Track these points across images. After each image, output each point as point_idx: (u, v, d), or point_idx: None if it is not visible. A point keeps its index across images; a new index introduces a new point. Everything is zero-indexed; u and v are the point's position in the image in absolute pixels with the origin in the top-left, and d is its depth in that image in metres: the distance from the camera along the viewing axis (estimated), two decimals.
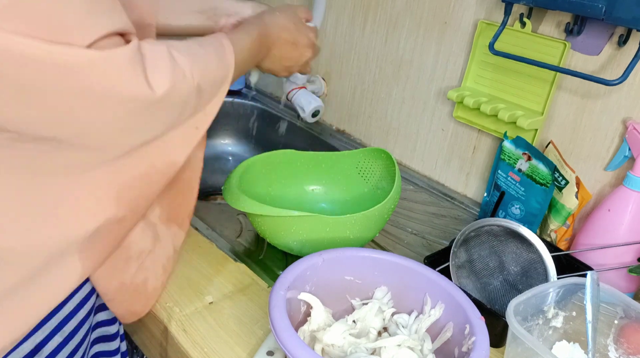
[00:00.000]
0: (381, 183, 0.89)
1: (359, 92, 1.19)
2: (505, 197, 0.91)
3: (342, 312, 0.65)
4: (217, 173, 1.31)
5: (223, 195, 0.77)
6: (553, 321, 0.66)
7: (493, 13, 0.93)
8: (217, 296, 0.70)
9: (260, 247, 0.83)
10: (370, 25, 1.12)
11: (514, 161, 0.89)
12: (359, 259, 0.65)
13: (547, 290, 0.64)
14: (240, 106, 1.36)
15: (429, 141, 1.08)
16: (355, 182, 0.92)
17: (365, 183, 0.92)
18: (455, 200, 1.04)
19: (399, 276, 0.64)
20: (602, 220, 0.78)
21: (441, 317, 0.61)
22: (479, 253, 0.72)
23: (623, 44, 0.78)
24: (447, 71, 1.02)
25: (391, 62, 1.11)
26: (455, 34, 0.99)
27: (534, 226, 0.86)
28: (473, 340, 0.54)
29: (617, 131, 0.82)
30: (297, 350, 0.49)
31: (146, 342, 0.72)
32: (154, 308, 0.67)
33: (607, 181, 0.85)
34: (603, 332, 0.65)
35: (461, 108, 0.99)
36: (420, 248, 0.88)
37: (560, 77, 0.86)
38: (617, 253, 0.76)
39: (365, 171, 0.91)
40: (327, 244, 0.74)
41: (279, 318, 0.52)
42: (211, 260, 0.76)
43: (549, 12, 0.86)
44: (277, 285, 0.57)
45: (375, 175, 0.90)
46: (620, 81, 0.74)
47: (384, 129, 1.16)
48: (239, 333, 0.64)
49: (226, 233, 0.85)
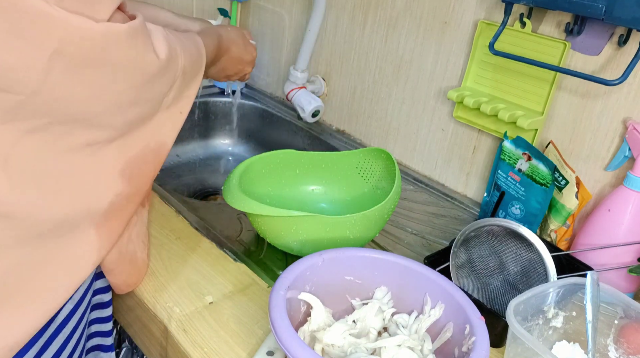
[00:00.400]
0: (381, 183, 0.89)
1: (359, 92, 1.19)
2: (505, 197, 0.91)
3: (342, 312, 0.65)
4: (217, 173, 1.32)
5: (223, 195, 0.77)
6: (553, 321, 0.66)
7: (493, 13, 0.93)
8: (217, 296, 0.70)
9: (260, 247, 0.83)
10: (370, 25, 1.12)
11: (514, 161, 0.89)
12: (359, 259, 0.65)
13: (547, 290, 0.64)
14: (240, 106, 1.36)
15: (429, 141, 1.08)
16: (355, 182, 0.92)
17: (365, 183, 0.92)
18: (455, 200, 1.04)
19: (399, 276, 0.64)
20: (602, 220, 0.78)
21: (441, 317, 0.61)
22: (479, 253, 0.72)
23: (623, 44, 0.78)
24: (447, 71, 1.02)
25: (391, 62, 1.11)
26: (455, 34, 0.99)
27: (534, 226, 0.86)
28: (473, 340, 0.54)
29: (617, 131, 0.82)
30: (297, 350, 0.49)
31: (146, 342, 0.72)
32: (154, 308, 0.67)
33: (607, 181, 0.85)
34: (603, 332, 0.65)
35: (461, 108, 0.99)
36: (420, 248, 0.88)
37: (560, 77, 0.86)
38: (617, 253, 0.76)
39: (365, 171, 0.91)
40: (327, 244, 0.74)
41: (279, 318, 0.52)
42: (211, 260, 0.76)
43: (549, 12, 0.86)
44: (277, 285, 0.57)
45: (375, 175, 0.90)
46: (620, 81, 0.74)
47: (384, 129, 1.16)
48: (239, 333, 0.64)
49: (226, 233, 0.85)
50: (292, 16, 1.29)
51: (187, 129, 1.32)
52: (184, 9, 1.29)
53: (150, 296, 0.68)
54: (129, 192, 0.58)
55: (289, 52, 1.32)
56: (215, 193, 1.20)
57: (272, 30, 1.35)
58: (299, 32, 1.27)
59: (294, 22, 1.29)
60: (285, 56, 1.33)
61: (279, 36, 1.33)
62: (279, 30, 1.33)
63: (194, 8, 1.31)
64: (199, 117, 1.33)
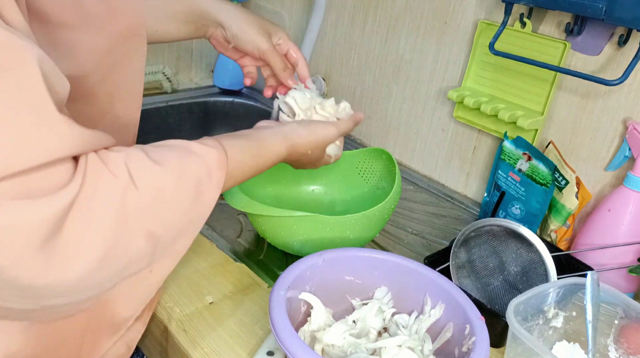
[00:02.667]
0: (381, 183, 0.89)
1: (359, 92, 1.19)
2: (506, 197, 0.91)
3: (342, 312, 0.65)
4: None
5: (223, 195, 0.77)
6: (553, 321, 0.66)
7: (493, 13, 0.93)
8: (217, 297, 0.70)
9: (260, 247, 0.83)
10: (370, 25, 1.12)
11: (514, 161, 0.89)
12: (359, 259, 0.65)
13: (547, 290, 0.64)
14: (240, 106, 1.35)
15: (429, 141, 1.08)
16: (355, 182, 0.92)
17: (365, 183, 0.92)
18: (455, 200, 1.04)
19: (399, 277, 0.64)
20: (602, 220, 0.78)
21: (441, 317, 0.61)
22: (479, 253, 0.72)
23: (623, 44, 0.78)
24: (447, 71, 1.02)
25: (391, 62, 1.11)
26: (456, 34, 0.99)
27: (534, 227, 0.86)
28: (473, 340, 0.54)
29: (617, 131, 0.82)
30: (297, 351, 0.49)
31: (146, 342, 0.72)
32: (154, 309, 0.67)
33: (608, 181, 0.85)
34: (603, 332, 0.65)
35: (461, 108, 0.99)
36: (420, 248, 0.88)
37: (561, 77, 0.86)
38: (617, 253, 0.76)
39: (366, 171, 0.91)
40: (327, 244, 0.74)
41: (279, 318, 0.52)
42: (211, 260, 0.76)
43: (549, 12, 0.86)
44: (277, 285, 0.57)
45: (375, 175, 0.90)
46: (620, 81, 0.74)
47: (384, 129, 1.16)
48: (239, 333, 0.64)
49: (226, 233, 0.85)
50: (292, 16, 1.29)
51: (187, 129, 1.32)
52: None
53: None
54: None
55: None
56: None
57: None
58: (299, 32, 1.27)
59: (294, 22, 1.29)
60: None
61: None
62: None
63: None
64: (199, 117, 1.33)
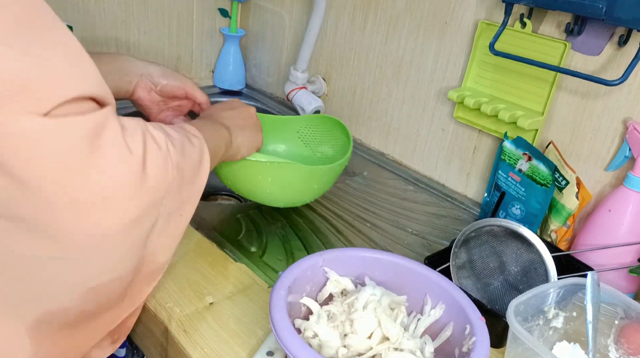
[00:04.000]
0: (322, 147, 0.97)
1: (359, 92, 1.19)
2: (506, 197, 0.91)
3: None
4: None
5: None
6: (553, 321, 0.66)
7: (493, 13, 0.93)
8: (217, 297, 0.70)
9: (260, 247, 0.83)
10: (370, 25, 1.12)
11: (514, 162, 0.89)
12: (359, 259, 0.65)
13: (548, 291, 0.64)
14: None
15: (429, 141, 1.08)
16: (296, 146, 0.99)
17: (305, 147, 0.99)
18: (455, 200, 1.04)
19: (399, 277, 0.64)
20: (602, 220, 0.78)
21: (441, 317, 0.61)
22: (480, 254, 0.72)
23: (623, 44, 0.78)
24: (447, 71, 1.02)
25: (391, 62, 1.11)
26: (456, 34, 0.99)
27: (535, 227, 0.86)
28: (473, 340, 0.54)
29: (617, 131, 0.82)
30: (298, 350, 0.49)
31: (146, 342, 0.72)
32: (155, 309, 0.67)
33: (608, 181, 0.85)
34: (603, 332, 0.65)
35: (461, 108, 0.99)
36: (420, 248, 0.88)
37: (561, 78, 0.86)
38: (617, 253, 0.76)
39: (307, 137, 0.99)
40: (297, 193, 0.85)
41: (279, 319, 0.52)
42: (211, 260, 0.76)
43: (549, 12, 0.86)
44: (278, 285, 0.57)
45: (316, 141, 0.98)
46: (620, 81, 0.74)
47: (384, 129, 1.16)
48: (239, 333, 0.64)
49: (226, 233, 0.85)
50: (292, 16, 1.29)
51: None
52: (185, 9, 1.29)
53: (151, 296, 0.68)
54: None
55: (289, 52, 1.32)
56: (215, 193, 1.20)
57: (272, 30, 1.35)
58: (299, 32, 1.27)
59: (294, 22, 1.29)
60: (286, 56, 1.33)
61: (279, 36, 1.33)
62: (279, 30, 1.33)
63: (194, 8, 1.31)
64: None
